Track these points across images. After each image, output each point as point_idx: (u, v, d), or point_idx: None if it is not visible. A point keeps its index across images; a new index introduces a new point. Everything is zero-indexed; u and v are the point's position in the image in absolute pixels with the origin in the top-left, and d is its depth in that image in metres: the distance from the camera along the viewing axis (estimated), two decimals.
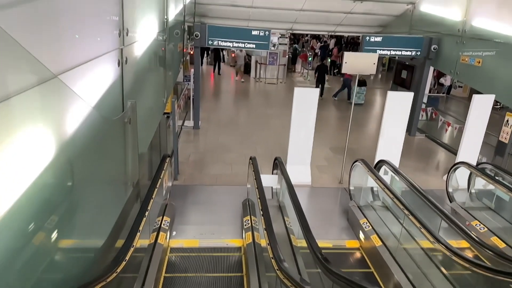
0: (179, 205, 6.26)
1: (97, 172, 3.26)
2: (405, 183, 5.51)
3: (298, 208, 4.31)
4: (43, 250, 2.29)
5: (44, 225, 2.27)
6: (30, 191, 1.97)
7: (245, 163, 8.15)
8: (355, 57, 6.84)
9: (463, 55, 9.22)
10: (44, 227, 2.27)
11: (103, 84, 3.24)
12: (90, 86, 2.93)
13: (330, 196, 7.26)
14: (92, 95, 2.98)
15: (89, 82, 2.88)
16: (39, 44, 2.06)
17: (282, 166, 5.74)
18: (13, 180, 1.82)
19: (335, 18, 12.75)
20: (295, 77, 19.95)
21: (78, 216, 2.89)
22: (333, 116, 13.13)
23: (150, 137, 5.42)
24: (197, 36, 9.48)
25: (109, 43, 3.36)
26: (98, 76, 3.12)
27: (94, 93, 3.02)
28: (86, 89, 2.78)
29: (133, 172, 4.23)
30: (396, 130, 7.27)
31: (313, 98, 7.00)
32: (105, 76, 3.28)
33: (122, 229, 4.06)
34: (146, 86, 5.08)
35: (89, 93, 2.90)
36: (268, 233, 3.81)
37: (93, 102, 2.97)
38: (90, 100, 2.91)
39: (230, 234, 5.63)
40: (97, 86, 3.09)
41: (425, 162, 9.51)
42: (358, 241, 5.68)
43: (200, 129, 10.38)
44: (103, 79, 3.23)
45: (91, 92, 2.96)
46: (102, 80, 3.20)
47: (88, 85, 2.86)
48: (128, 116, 3.83)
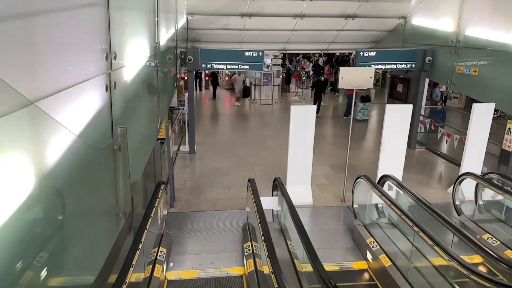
0: (176, 234, 5.99)
1: (85, 204, 3.04)
2: (411, 197, 5.28)
3: (302, 232, 4.07)
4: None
5: (24, 264, 2.04)
6: (6, 228, 1.75)
7: (243, 185, 7.94)
8: (351, 72, 6.74)
9: (458, 65, 9.16)
10: (25, 267, 2.04)
11: (90, 111, 3.06)
12: (75, 113, 2.75)
13: (333, 215, 7.00)
14: (78, 122, 2.79)
15: (73, 108, 2.70)
16: (12, 70, 1.89)
17: (282, 187, 5.52)
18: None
19: (327, 36, 12.80)
20: (290, 96, 19.94)
21: (65, 252, 2.65)
22: (330, 133, 12.98)
23: (143, 164, 5.21)
24: (190, 60, 9.42)
25: (95, 67, 3.20)
26: (84, 102, 2.94)
27: (79, 120, 2.84)
28: (70, 116, 2.60)
29: (125, 202, 4.00)
30: (397, 143, 7.10)
31: (311, 116, 6.85)
32: (91, 102, 3.10)
33: (115, 263, 3.80)
34: (137, 111, 4.92)
35: (74, 120, 2.72)
36: (272, 261, 3.56)
37: (78, 129, 2.78)
38: (75, 127, 2.72)
39: (231, 262, 5.34)
40: (82, 113, 2.91)
41: (427, 175, 9.31)
42: (366, 262, 5.40)
43: (196, 153, 10.19)
44: (89, 105, 3.05)
45: (76, 119, 2.78)
46: (88, 106, 3.02)
47: (73, 112, 2.68)
48: (117, 143, 3.63)
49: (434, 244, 4.02)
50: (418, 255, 4.60)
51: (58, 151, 2.40)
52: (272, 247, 3.86)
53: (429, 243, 4.08)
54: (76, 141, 2.72)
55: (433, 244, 4.04)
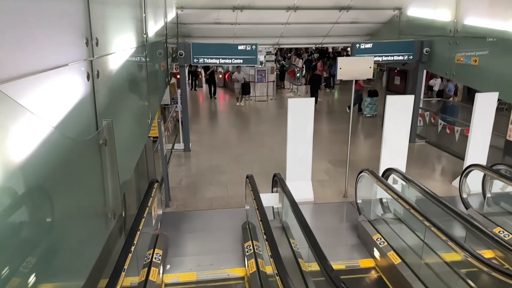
0: (172, 234, 5.67)
1: (67, 203, 2.72)
2: (418, 191, 5.01)
3: (307, 230, 3.77)
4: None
5: (4, 268, 1.73)
6: None
7: (241, 183, 7.63)
8: (349, 62, 6.46)
9: (458, 55, 8.93)
10: (6, 272, 1.73)
11: (69, 100, 2.74)
12: (48, 102, 2.43)
13: (335, 211, 6.72)
14: (54, 112, 2.47)
15: (46, 96, 2.37)
16: None
17: (282, 183, 5.22)
18: None
19: (322, 30, 12.53)
20: (284, 93, 19.65)
21: (46, 257, 2.35)
22: (328, 128, 12.71)
23: (134, 162, 4.87)
24: (181, 55, 9.08)
25: (73, 53, 2.88)
26: (60, 90, 2.61)
27: (55, 110, 2.52)
28: (41, 105, 2.28)
29: (115, 202, 3.67)
30: (399, 136, 6.83)
31: (309, 109, 6.56)
32: (70, 91, 2.78)
33: (105, 268, 3.48)
34: (125, 105, 4.58)
35: (48, 109, 2.40)
36: (276, 262, 3.26)
37: (55, 120, 2.46)
38: (51, 117, 2.40)
39: (231, 263, 5.03)
40: (59, 102, 2.58)
41: (429, 168, 9.08)
42: (373, 260, 5.12)
43: (192, 151, 9.86)
44: (67, 94, 2.72)
45: (51, 109, 2.46)
46: (66, 95, 2.70)
47: (45, 100, 2.36)
48: (103, 137, 3.30)
49: (449, 239, 3.74)
50: (430, 251, 4.33)
51: (29, 143, 2.08)
52: (275, 246, 3.56)
53: (442, 238, 3.80)
54: (52, 133, 2.40)
55: (447, 239, 3.76)
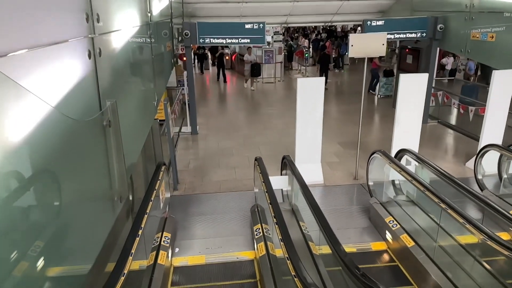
0: (181, 218, 5.61)
1: (71, 186, 2.63)
2: (433, 172, 4.85)
3: (318, 213, 3.66)
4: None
5: (9, 255, 1.65)
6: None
7: (249, 166, 7.53)
8: (362, 38, 6.21)
9: (473, 32, 8.57)
10: (9, 258, 1.65)
11: (69, 79, 2.61)
12: (48, 80, 2.30)
13: (345, 194, 6.59)
14: (53, 92, 2.35)
15: (44, 74, 2.25)
16: None
17: (292, 165, 5.09)
18: None
19: (331, 7, 12.15)
20: (293, 74, 19.33)
21: (53, 241, 2.28)
22: (337, 109, 12.46)
23: (140, 145, 4.77)
24: (187, 35, 8.86)
25: (73, 29, 2.73)
26: (59, 68, 2.48)
27: (55, 89, 2.39)
28: (41, 83, 2.15)
29: (121, 185, 3.58)
30: (412, 116, 6.62)
31: (319, 88, 6.36)
32: (70, 69, 2.65)
33: (112, 251, 3.42)
34: (130, 86, 4.45)
35: (48, 88, 2.27)
36: (287, 246, 3.16)
37: (55, 100, 2.34)
38: (50, 97, 2.28)
39: (240, 246, 4.98)
40: (59, 81, 2.46)
41: (442, 149, 8.87)
42: (385, 243, 5.02)
43: (199, 134, 9.75)
44: (67, 72, 2.59)
45: (51, 88, 2.33)
46: (66, 73, 2.57)
47: (44, 79, 2.23)
48: (107, 118, 3.19)
49: (466, 221, 3.60)
50: (445, 234, 4.20)
51: (27, 124, 1.96)
52: (285, 230, 3.46)
53: (460, 221, 3.66)
54: (53, 113, 2.28)
55: (464, 221, 3.62)
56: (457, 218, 3.71)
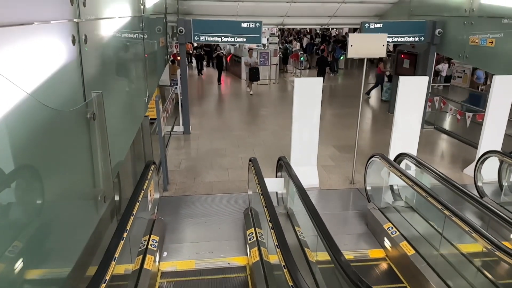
0: (170, 220, 5.35)
1: (48, 183, 2.38)
2: (434, 177, 4.67)
3: (317, 218, 3.44)
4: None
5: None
6: None
7: (242, 167, 7.31)
8: (361, 39, 6.03)
9: (472, 37, 8.47)
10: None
11: (47, 64, 2.36)
12: (23, 63, 2.05)
13: (342, 198, 6.39)
14: (30, 77, 2.10)
15: (19, 57, 2.00)
16: None
17: (288, 167, 4.87)
18: None
19: (328, 9, 12.00)
20: (287, 77, 19.16)
21: (29, 242, 2.05)
22: (333, 113, 12.29)
23: (128, 142, 4.51)
24: (181, 32, 8.62)
25: (55, 10, 2.49)
26: (38, 52, 2.24)
27: (31, 73, 2.15)
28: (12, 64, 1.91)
29: (106, 184, 3.33)
30: (411, 119, 6.45)
31: (317, 89, 6.17)
32: (50, 54, 2.40)
33: (94, 254, 3.16)
34: (119, 79, 4.20)
35: (23, 72, 2.03)
36: (283, 253, 2.93)
37: (30, 85, 2.09)
38: (23, 82, 2.03)
39: (232, 251, 4.73)
40: (36, 65, 2.21)
41: (439, 155, 8.75)
42: (384, 250, 4.81)
43: (191, 134, 9.49)
44: (47, 57, 2.35)
45: (26, 72, 2.09)
46: (45, 58, 2.32)
47: (18, 61, 1.98)
48: (91, 111, 2.93)
49: (472, 230, 3.41)
50: (447, 242, 4.01)
51: None
52: (282, 235, 3.23)
53: (465, 229, 3.47)
54: (27, 100, 2.03)
55: (470, 230, 3.43)
56: (462, 226, 3.52)
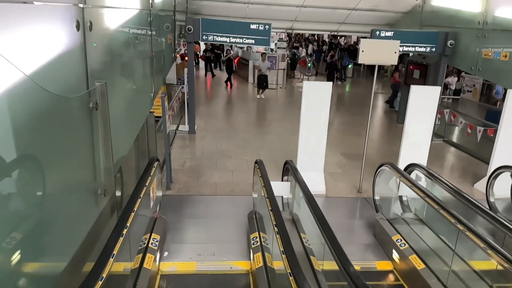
0: (172, 219, 5.19)
1: (44, 173, 2.24)
2: (447, 190, 4.50)
3: (325, 226, 3.28)
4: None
5: None
6: None
7: (247, 170, 7.16)
8: (373, 44, 5.89)
9: (485, 50, 8.32)
10: None
11: (48, 48, 2.22)
12: (23, 44, 1.92)
13: (348, 207, 6.22)
14: (26, 58, 1.96)
15: (18, 36, 1.87)
16: None
17: (295, 172, 4.71)
18: None
19: (338, 16, 11.91)
20: (295, 83, 19.05)
21: (22, 234, 1.91)
22: (341, 120, 12.14)
23: (132, 136, 4.37)
24: (189, 30, 8.51)
25: None
26: (39, 33, 2.11)
27: (31, 55, 2.01)
28: (9, 44, 1.77)
29: (107, 178, 3.18)
30: (421, 130, 6.29)
31: (326, 93, 6.03)
32: (51, 37, 2.26)
33: (92, 250, 3.01)
34: (125, 70, 4.06)
35: (22, 53, 1.90)
36: (290, 260, 2.77)
37: (28, 68, 1.95)
38: (22, 64, 1.90)
39: (235, 255, 4.56)
40: (36, 47, 2.07)
41: (448, 169, 8.56)
42: (391, 262, 4.63)
43: (197, 133, 9.36)
44: (46, 39, 2.21)
45: (26, 54, 1.95)
46: (44, 40, 2.18)
47: (13, 40, 1.85)
48: (94, 100, 2.80)
49: (488, 246, 3.23)
50: (461, 257, 3.83)
51: None
52: (288, 241, 3.07)
53: (481, 246, 3.29)
54: (25, 82, 1.90)
55: (486, 246, 3.25)
56: (477, 242, 3.34)
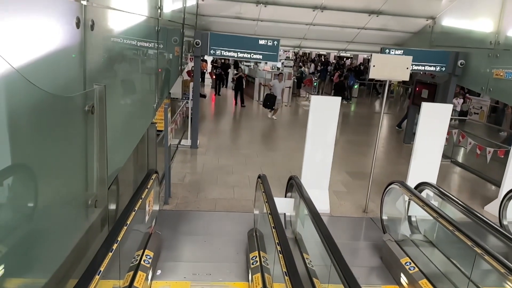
0: (168, 235, 4.96)
1: (27, 178, 2.05)
2: (460, 210, 4.25)
3: (333, 247, 3.04)
4: None
5: None
6: None
7: (249, 186, 6.94)
8: (385, 60, 5.75)
9: (496, 70, 8.17)
10: None
11: (43, 44, 2.08)
12: (15, 36, 1.78)
13: (353, 227, 5.95)
14: (18, 53, 1.82)
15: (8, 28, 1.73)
16: None
17: (300, 188, 4.49)
18: None
19: (347, 35, 11.89)
20: (300, 101, 18.98)
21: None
22: (347, 139, 11.94)
23: (130, 147, 4.20)
24: (197, 44, 8.47)
25: None
26: (34, 27, 1.97)
27: (21, 50, 1.86)
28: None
29: (100, 188, 2.99)
30: (432, 148, 6.07)
31: (334, 108, 5.85)
32: (46, 31, 2.12)
33: (77, 266, 2.79)
34: (127, 77, 3.93)
35: (13, 46, 1.75)
36: (293, 283, 2.52)
37: (19, 63, 1.80)
38: (16, 58, 1.75)
39: (232, 275, 4.30)
40: (26, 42, 1.93)
41: (456, 190, 8.27)
42: (399, 287, 4.34)
43: (199, 149, 9.19)
44: (41, 34, 2.07)
45: (18, 47, 1.81)
46: (39, 35, 2.04)
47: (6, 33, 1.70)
48: (90, 103, 2.64)
49: (509, 272, 2.97)
50: (478, 283, 3.56)
51: None
52: (292, 261, 2.83)
53: (501, 271, 3.03)
54: (13, 75, 1.74)
55: (507, 272, 2.99)
56: (497, 267, 3.08)
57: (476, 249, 3.33)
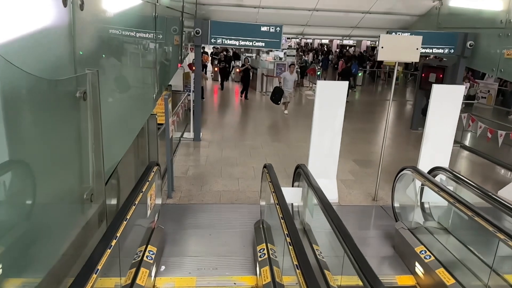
0: (172, 229, 4.80)
1: (16, 171, 1.87)
2: (479, 195, 4.03)
3: (347, 238, 2.84)
4: None
5: None
6: None
7: (254, 177, 6.75)
8: (393, 40, 5.50)
9: (508, 50, 7.87)
10: None
11: (25, 23, 1.89)
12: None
13: (363, 216, 5.76)
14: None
15: None
16: None
17: (308, 177, 4.29)
18: None
19: (351, 20, 11.56)
20: (303, 91, 18.68)
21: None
22: (352, 127, 11.66)
23: (129, 138, 4.01)
24: (198, 33, 8.23)
25: None
26: (15, 6, 1.77)
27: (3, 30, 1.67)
28: None
29: (96, 181, 2.81)
30: (443, 132, 5.84)
31: (341, 94, 5.62)
32: (29, 10, 1.93)
33: (74, 263, 2.62)
34: (122, 63, 3.72)
35: None
36: (306, 277, 2.33)
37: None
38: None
39: (239, 269, 4.13)
40: (10, 20, 1.73)
41: (467, 175, 7.99)
42: (414, 277, 4.15)
43: (202, 141, 8.99)
44: (23, 12, 1.87)
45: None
46: (20, 13, 1.85)
47: None
48: (82, 89, 2.44)
49: None
50: (500, 272, 3.36)
51: None
52: (303, 253, 2.64)
53: None
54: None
55: None
56: None
57: (499, 234, 3.12)
